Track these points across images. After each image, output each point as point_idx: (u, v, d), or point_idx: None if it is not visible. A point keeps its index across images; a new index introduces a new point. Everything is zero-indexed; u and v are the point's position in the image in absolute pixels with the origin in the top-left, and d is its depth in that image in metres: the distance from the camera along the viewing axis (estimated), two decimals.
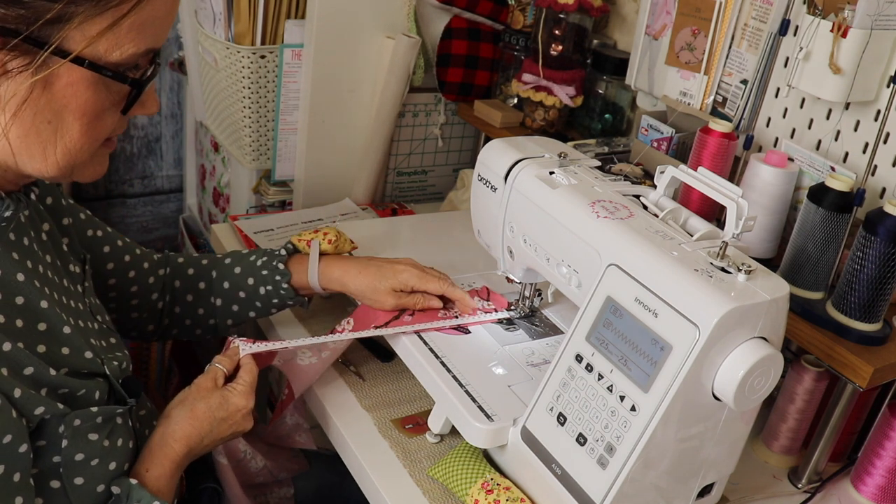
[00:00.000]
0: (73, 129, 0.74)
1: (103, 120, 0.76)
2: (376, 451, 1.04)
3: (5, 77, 0.69)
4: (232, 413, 0.95)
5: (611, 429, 0.85)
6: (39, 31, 0.68)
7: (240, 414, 0.96)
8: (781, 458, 1.14)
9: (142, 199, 2.22)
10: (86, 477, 0.80)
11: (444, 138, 1.75)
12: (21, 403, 0.73)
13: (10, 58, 0.68)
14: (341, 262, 1.14)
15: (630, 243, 0.88)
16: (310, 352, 1.08)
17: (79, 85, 0.72)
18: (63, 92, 0.72)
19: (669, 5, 1.29)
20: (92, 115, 0.74)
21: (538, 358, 1.08)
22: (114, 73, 0.73)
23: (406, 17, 1.55)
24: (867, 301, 0.96)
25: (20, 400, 0.73)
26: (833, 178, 0.99)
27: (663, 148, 1.33)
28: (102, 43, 0.71)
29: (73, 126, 0.74)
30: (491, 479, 0.95)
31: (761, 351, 0.80)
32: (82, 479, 0.80)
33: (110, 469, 0.83)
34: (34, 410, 0.75)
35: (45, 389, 0.77)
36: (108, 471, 0.83)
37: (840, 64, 1.03)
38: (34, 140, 0.73)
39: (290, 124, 1.60)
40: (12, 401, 0.72)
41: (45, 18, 0.67)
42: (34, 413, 0.75)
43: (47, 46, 0.68)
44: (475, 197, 1.13)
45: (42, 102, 0.71)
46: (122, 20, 0.71)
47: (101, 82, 0.73)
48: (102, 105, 0.75)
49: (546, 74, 1.46)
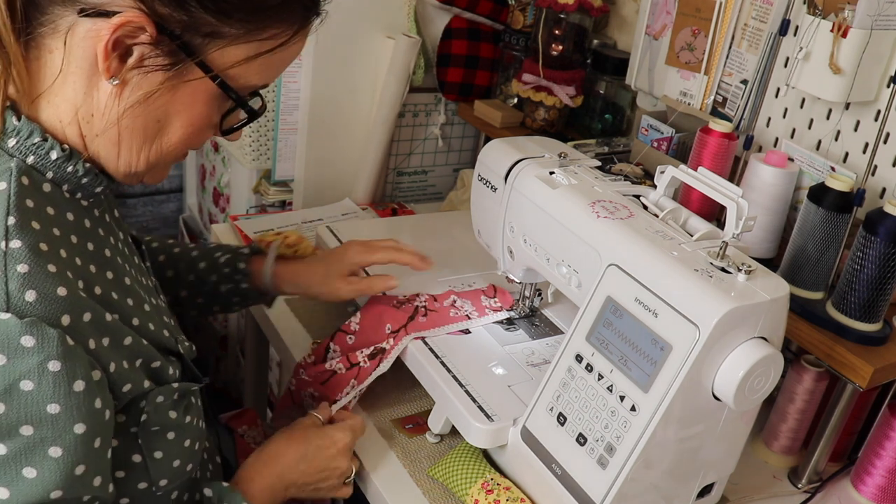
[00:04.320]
0: (176, 134, 0.76)
1: (203, 133, 0.79)
2: (376, 451, 1.04)
3: (139, 70, 0.70)
4: (329, 443, 0.96)
5: (611, 429, 0.85)
6: (192, 39, 0.70)
7: (336, 446, 0.96)
8: (781, 458, 1.14)
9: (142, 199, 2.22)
10: (164, 451, 0.81)
11: (444, 138, 1.75)
12: (114, 379, 0.73)
13: (152, 54, 0.70)
14: (293, 264, 1.14)
15: (630, 243, 0.88)
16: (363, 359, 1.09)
17: (200, 97, 0.74)
18: (183, 99, 0.74)
19: (669, 5, 1.29)
20: (197, 127, 0.77)
21: (538, 358, 1.08)
22: (237, 98, 0.76)
23: (406, 17, 1.55)
24: (867, 301, 0.96)
25: (114, 375, 0.73)
26: (833, 178, 0.99)
27: (663, 148, 1.33)
28: (237, 67, 0.73)
29: (178, 131, 0.76)
30: (491, 479, 0.95)
31: (761, 351, 0.80)
32: (161, 452, 0.80)
33: (185, 446, 0.83)
34: (123, 387, 0.74)
35: (140, 361, 0.77)
36: (184, 447, 0.83)
37: (840, 64, 1.03)
38: (139, 134, 0.74)
39: (290, 124, 1.60)
40: (108, 375, 0.72)
41: (202, 31, 0.70)
42: (122, 390, 0.74)
43: (194, 56, 0.71)
44: (475, 197, 1.13)
45: (161, 102, 0.73)
46: (263, 54, 0.74)
47: (218, 101, 0.76)
48: (210, 121, 0.77)
49: (546, 74, 1.46)
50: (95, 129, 0.73)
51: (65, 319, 0.67)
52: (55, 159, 0.72)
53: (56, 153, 0.72)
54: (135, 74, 0.70)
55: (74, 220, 0.74)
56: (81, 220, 0.76)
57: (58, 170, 0.73)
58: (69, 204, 0.74)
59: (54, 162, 0.72)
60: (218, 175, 1.85)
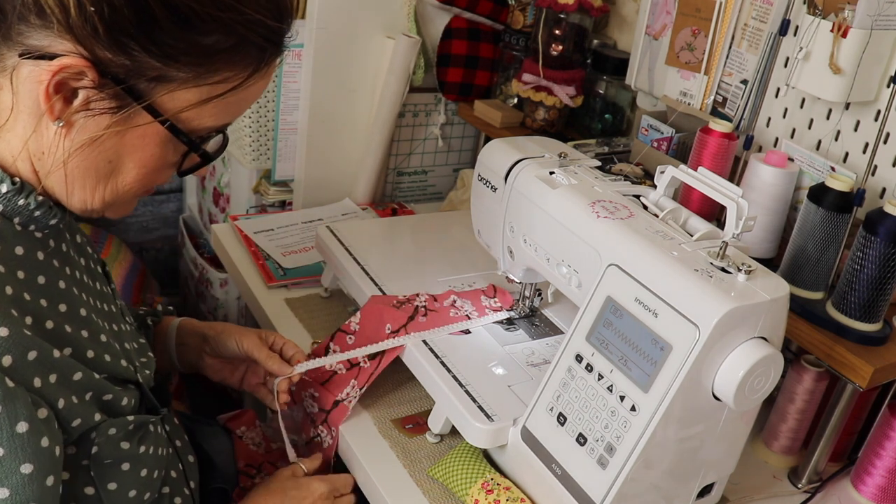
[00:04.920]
0: (130, 175, 0.75)
1: (159, 174, 0.78)
2: (376, 451, 1.04)
3: (85, 113, 0.70)
4: (306, 494, 0.96)
5: (611, 429, 0.85)
6: (138, 83, 0.69)
7: (312, 497, 0.97)
8: (781, 458, 1.14)
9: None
10: (118, 482, 0.80)
11: (444, 138, 1.75)
12: (63, 415, 0.73)
13: (98, 98, 0.69)
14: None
15: (630, 243, 0.88)
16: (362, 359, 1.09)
17: (151, 139, 0.73)
18: (134, 141, 0.73)
19: (669, 5, 1.29)
20: (151, 168, 0.76)
21: (538, 358, 1.08)
22: (188, 141, 0.75)
23: (406, 17, 1.55)
24: (867, 301, 0.96)
25: (63, 411, 0.73)
26: (833, 178, 0.99)
27: (663, 148, 1.33)
28: (188, 111, 0.72)
29: (131, 172, 0.75)
30: (491, 479, 0.95)
31: (761, 351, 0.80)
32: (115, 484, 0.80)
33: (142, 475, 0.82)
34: (72, 422, 0.74)
35: (91, 395, 0.76)
36: (140, 477, 0.82)
37: (840, 64, 1.03)
38: (90, 175, 0.74)
39: (290, 124, 1.60)
40: (56, 411, 0.72)
41: (148, 75, 0.69)
42: (71, 425, 0.74)
43: (140, 101, 0.70)
44: (475, 197, 1.13)
45: (110, 144, 0.72)
46: (215, 98, 0.73)
47: (171, 143, 0.75)
48: (165, 162, 0.77)
49: (546, 74, 1.46)
50: (46, 166, 0.73)
51: (6, 360, 0.66)
52: (5, 192, 0.72)
53: (6, 186, 0.72)
54: (81, 117, 0.70)
55: (24, 253, 0.74)
56: (33, 253, 0.75)
57: (8, 203, 0.72)
58: (19, 237, 0.74)
59: (4, 195, 0.72)
60: (218, 175, 1.85)
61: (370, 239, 1.33)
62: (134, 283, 1.88)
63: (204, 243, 2.03)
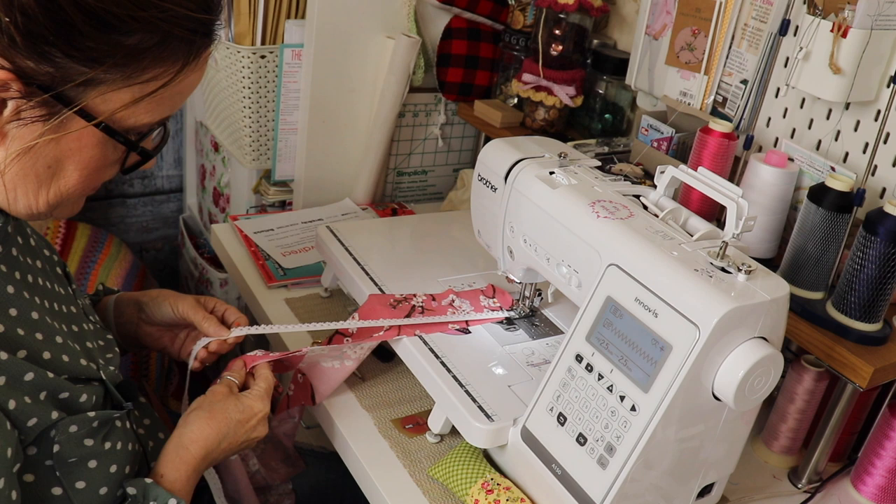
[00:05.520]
0: (72, 178, 0.75)
1: (102, 173, 0.77)
2: (376, 451, 1.04)
3: (17, 122, 0.69)
4: (249, 416, 0.94)
5: (611, 429, 0.85)
6: (65, 91, 0.69)
7: (256, 418, 0.95)
8: (781, 458, 1.14)
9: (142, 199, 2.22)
10: (86, 480, 0.80)
11: (444, 138, 1.75)
12: (15, 416, 0.73)
13: (28, 107, 0.68)
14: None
15: (630, 243, 0.88)
16: (331, 357, 1.08)
17: (88, 141, 0.73)
18: (71, 145, 0.73)
19: (669, 5, 1.29)
20: (93, 169, 0.75)
21: (538, 358, 1.08)
22: (125, 140, 0.74)
23: (406, 17, 1.55)
24: (867, 301, 0.96)
25: (14, 412, 0.73)
26: (833, 178, 0.99)
27: (663, 148, 1.33)
28: (121, 111, 0.72)
29: (73, 175, 0.75)
30: (491, 479, 0.95)
31: (761, 351, 0.80)
32: (83, 482, 0.80)
33: (111, 471, 0.82)
34: (27, 422, 0.74)
35: (45, 393, 0.76)
36: (109, 473, 0.82)
37: (840, 64, 1.03)
38: (30, 181, 0.74)
39: (290, 124, 1.60)
40: (7, 412, 0.72)
41: (75, 80, 0.68)
42: (27, 425, 0.74)
43: (70, 107, 0.69)
44: (475, 197, 1.13)
45: (47, 150, 0.72)
46: (147, 96, 0.72)
47: (110, 142, 0.74)
48: (105, 161, 0.76)
49: (546, 74, 1.46)
50: None
51: None
52: None
53: None
54: (13, 126, 0.69)
55: None
56: None
57: None
58: None
59: None
60: (218, 175, 1.85)
61: (370, 239, 1.33)
62: (134, 284, 1.88)
63: (204, 243, 2.03)
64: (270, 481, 1.15)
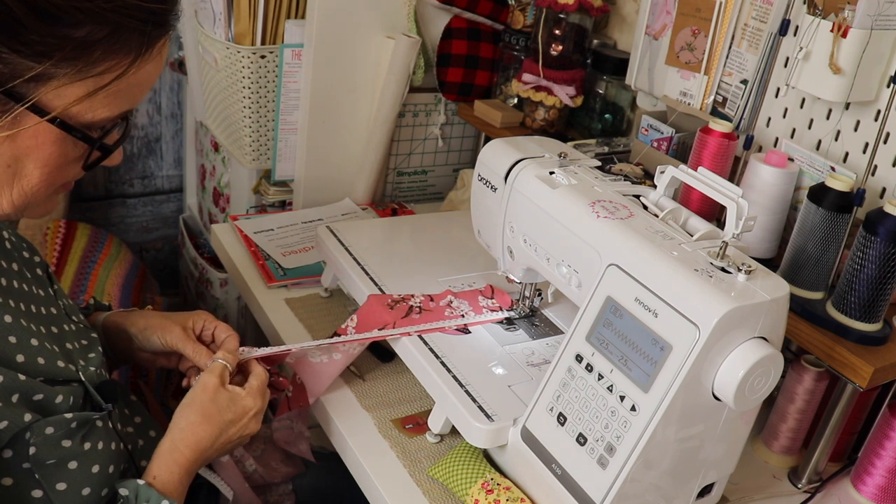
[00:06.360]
0: (33, 176, 0.74)
1: (64, 170, 0.76)
2: (376, 451, 1.04)
3: None
4: (240, 415, 0.93)
5: (611, 429, 0.85)
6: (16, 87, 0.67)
7: (248, 416, 0.94)
8: (781, 458, 1.14)
9: (142, 199, 2.22)
10: (67, 482, 0.79)
11: (444, 138, 1.75)
12: None
13: None
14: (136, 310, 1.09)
15: (630, 243, 0.88)
16: (319, 351, 1.08)
17: (45, 138, 0.71)
18: (27, 143, 0.71)
19: (669, 5, 1.29)
20: (54, 167, 0.74)
21: (538, 358, 1.08)
22: (83, 136, 0.73)
23: (406, 17, 1.55)
24: (867, 301, 0.96)
25: None
26: (833, 178, 0.99)
27: (663, 148, 1.33)
28: (77, 105, 0.70)
29: (34, 173, 0.73)
30: (491, 479, 0.95)
31: (761, 351, 0.80)
32: (64, 483, 0.79)
33: (93, 472, 0.82)
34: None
35: (17, 396, 0.75)
36: (91, 473, 0.81)
37: (840, 64, 1.03)
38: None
39: (290, 124, 1.60)
40: None
41: (24, 76, 0.67)
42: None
43: (22, 103, 0.68)
44: (475, 197, 1.13)
45: (3, 149, 0.71)
46: (102, 89, 0.70)
47: (68, 139, 0.73)
48: (66, 158, 0.75)
49: (546, 74, 1.46)
50: None
51: None
52: None
53: None
54: None
55: None
56: None
57: None
58: None
59: None
60: (218, 175, 1.85)
61: (370, 239, 1.33)
62: (134, 284, 1.88)
63: (204, 243, 2.03)
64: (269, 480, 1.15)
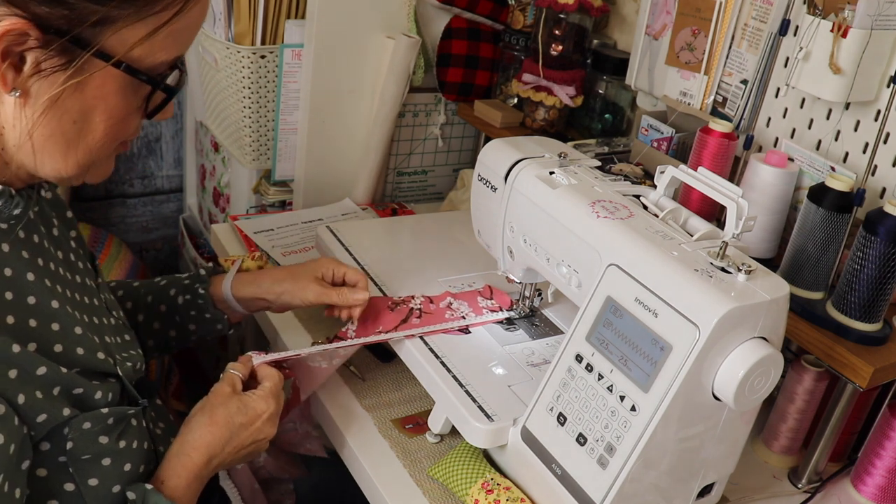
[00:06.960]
0: (98, 130, 0.74)
1: (127, 122, 0.77)
2: (376, 451, 1.04)
3: (38, 76, 0.69)
4: (252, 418, 0.92)
5: (611, 429, 0.85)
6: (82, 31, 0.68)
7: (261, 419, 0.92)
8: (781, 458, 1.14)
9: (142, 199, 2.22)
10: (100, 478, 0.79)
11: (444, 138, 1.75)
12: (24, 411, 0.72)
13: (46, 57, 0.68)
14: (257, 272, 1.13)
15: (630, 243, 0.88)
16: (320, 356, 1.07)
17: (111, 87, 0.72)
18: (94, 93, 0.72)
19: (669, 5, 1.29)
20: (118, 118, 0.75)
21: (538, 358, 1.08)
22: (149, 79, 0.74)
23: (406, 17, 1.55)
24: (867, 301, 0.96)
25: (24, 407, 0.72)
26: (833, 178, 0.99)
27: (663, 148, 1.33)
28: (138, 48, 0.71)
29: (99, 127, 0.74)
30: (491, 479, 0.95)
31: (761, 351, 0.80)
32: (96, 479, 0.79)
33: (125, 470, 0.81)
34: (37, 418, 0.73)
35: (59, 389, 0.75)
36: (123, 472, 0.81)
37: (840, 64, 1.03)
38: (58, 140, 0.73)
39: (290, 124, 1.60)
40: (15, 407, 0.71)
41: (89, 20, 0.67)
42: (37, 420, 0.73)
43: (89, 48, 0.68)
44: (475, 197, 1.13)
45: (71, 102, 0.71)
46: (162, 28, 0.71)
47: (131, 86, 0.74)
48: (129, 108, 0.75)
49: (546, 74, 1.46)
50: (11, 141, 0.72)
51: None
52: None
53: None
54: (34, 81, 0.69)
55: None
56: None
57: None
58: None
59: None
60: (218, 175, 1.85)
61: (370, 239, 1.33)
62: None
63: (204, 243, 2.03)
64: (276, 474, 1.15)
